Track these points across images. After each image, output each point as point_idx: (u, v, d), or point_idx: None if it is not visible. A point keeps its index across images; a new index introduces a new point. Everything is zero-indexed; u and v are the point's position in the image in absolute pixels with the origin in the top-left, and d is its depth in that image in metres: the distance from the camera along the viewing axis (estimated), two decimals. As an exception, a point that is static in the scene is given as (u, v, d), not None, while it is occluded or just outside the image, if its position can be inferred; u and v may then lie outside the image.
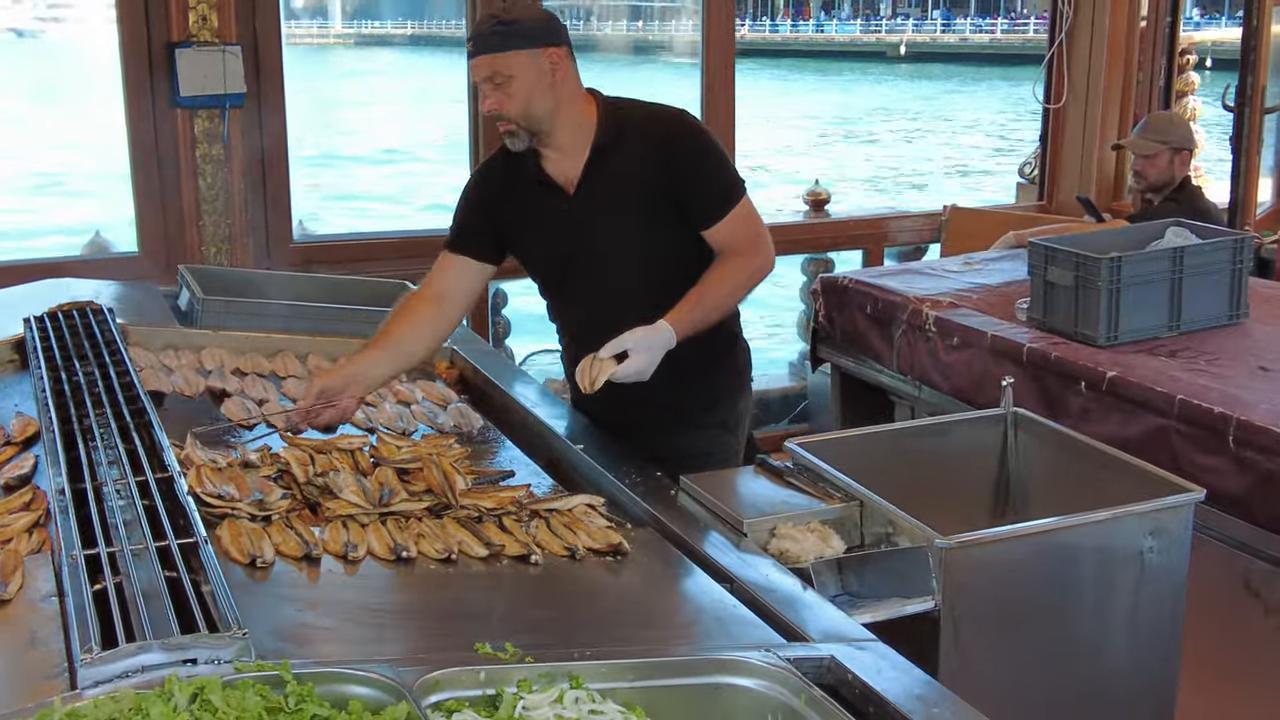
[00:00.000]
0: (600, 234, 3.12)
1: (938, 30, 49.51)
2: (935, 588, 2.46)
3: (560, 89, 3.01)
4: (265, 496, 2.40)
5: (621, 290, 3.13)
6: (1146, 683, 2.70)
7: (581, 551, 2.40)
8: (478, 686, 1.89)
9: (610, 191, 3.09)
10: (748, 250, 3.11)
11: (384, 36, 55.40)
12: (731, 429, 3.31)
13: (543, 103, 2.99)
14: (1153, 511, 2.61)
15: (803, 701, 1.96)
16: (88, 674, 1.75)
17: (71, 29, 32.91)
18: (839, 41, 50.30)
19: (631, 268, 3.14)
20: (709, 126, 5.46)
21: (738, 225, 3.10)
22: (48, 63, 28.74)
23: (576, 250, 3.16)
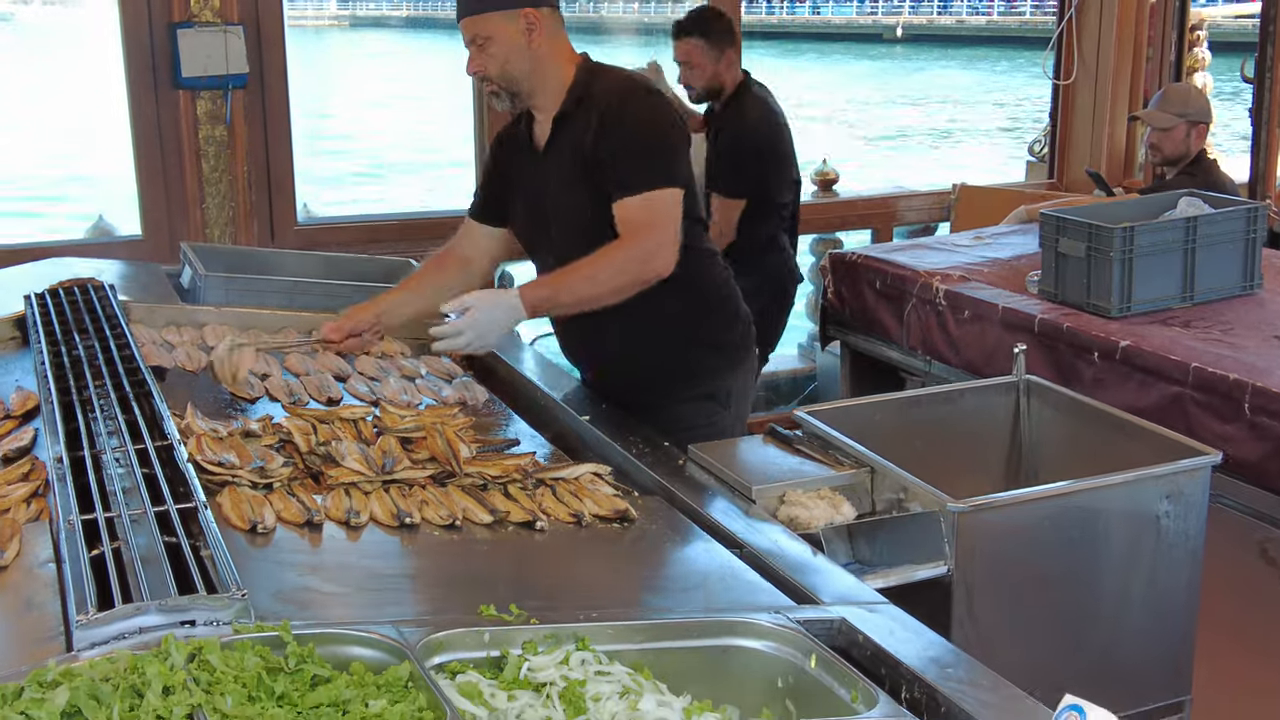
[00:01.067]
0: (554, 198, 3.12)
1: (934, 12, 49.38)
2: (948, 553, 2.43)
3: (538, 50, 3.03)
4: (266, 464, 2.37)
5: (570, 255, 3.06)
6: (1163, 649, 2.66)
7: (588, 518, 2.36)
8: (482, 648, 1.86)
9: (568, 157, 3.08)
10: (631, 240, 2.99)
11: (380, 18, 55.26)
12: (722, 402, 3.25)
13: (519, 64, 3.03)
14: (1169, 475, 2.57)
15: (813, 662, 1.92)
16: (84, 635, 1.72)
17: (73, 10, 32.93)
18: (836, 24, 50.13)
19: (579, 236, 3.07)
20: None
21: (635, 211, 2.99)
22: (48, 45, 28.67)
23: (538, 214, 3.18)
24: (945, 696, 1.83)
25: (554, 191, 3.13)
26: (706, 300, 3.22)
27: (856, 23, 50.30)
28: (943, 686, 1.86)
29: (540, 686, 1.80)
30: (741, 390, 3.35)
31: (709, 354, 3.24)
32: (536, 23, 3.01)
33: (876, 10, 51.21)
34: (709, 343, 3.23)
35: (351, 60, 37.70)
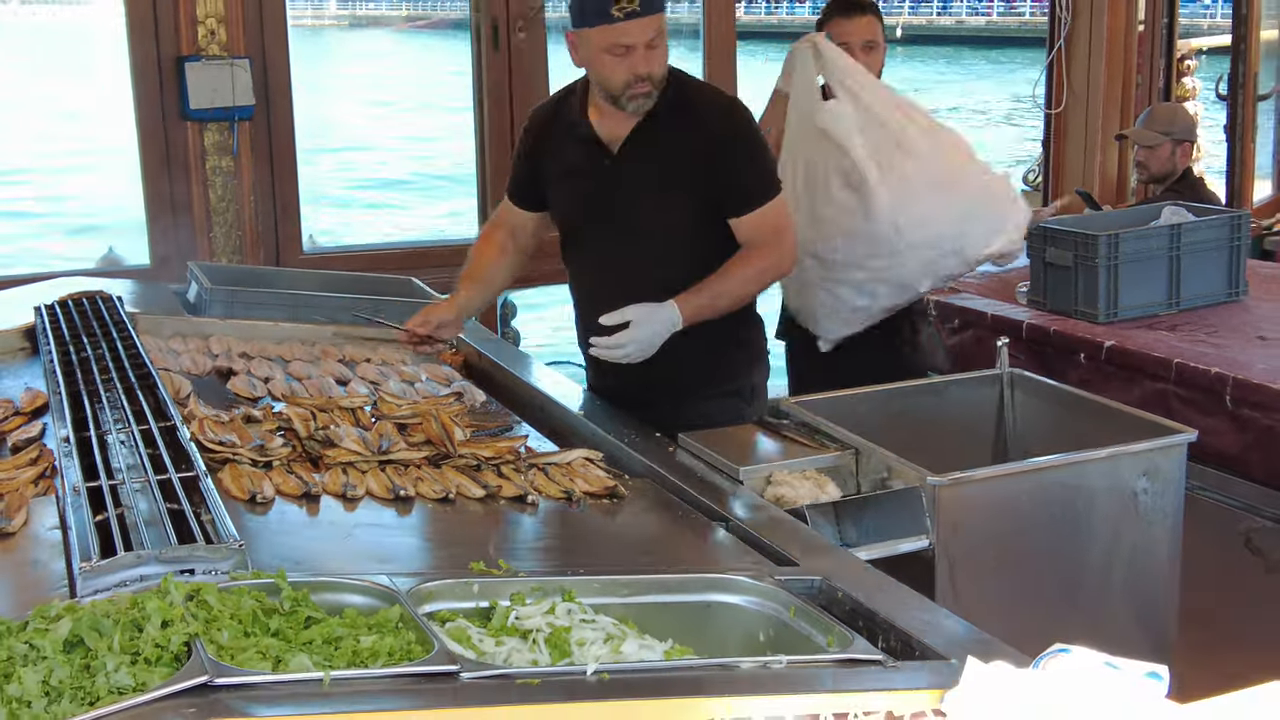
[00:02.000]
0: (633, 198, 3.20)
1: (934, 13, 49.68)
2: (929, 526, 2.49)
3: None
4: (266, 444, 2.44)
5: (637, 256, 3.22)
6: (1143, 625, 2.71)
7: (578, 494, 2.43)
8: (471, 599, 1.93)
9: (653, 159, 3.17)
10: (767, 247, 3.19)
11: (379, 18, 55.44)
12: (746, 398, 3.33)
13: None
14: (1145, 452, 2.64)
15: (792, 613, 1.98)
16: (87, 583, 1.79)
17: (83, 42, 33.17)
18: None
19: (651, 236, 3.21)
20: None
21: (764, 221, 3.18)
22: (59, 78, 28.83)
23: (607, 208, 3.24)
24: (920, 641, 1.89)
25: (635, 190, 3.20)
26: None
27: None
28: (918, 633, 1.92)
29: (527, 633, 1.86)
30: (761, 386, 3.45)
31: (735, 351, 3.34)
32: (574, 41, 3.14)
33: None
34: (734, 340, 3.33)
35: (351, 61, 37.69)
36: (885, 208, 3.72)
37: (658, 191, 3.20)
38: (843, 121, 3.74)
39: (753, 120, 3.28)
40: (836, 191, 3.77)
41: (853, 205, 3.75)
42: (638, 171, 3.19)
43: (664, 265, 3.20)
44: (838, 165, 3.76)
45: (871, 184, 3.70)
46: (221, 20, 5.00)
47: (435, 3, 52.88)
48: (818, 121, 3.78)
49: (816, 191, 3.81)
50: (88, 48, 27.16)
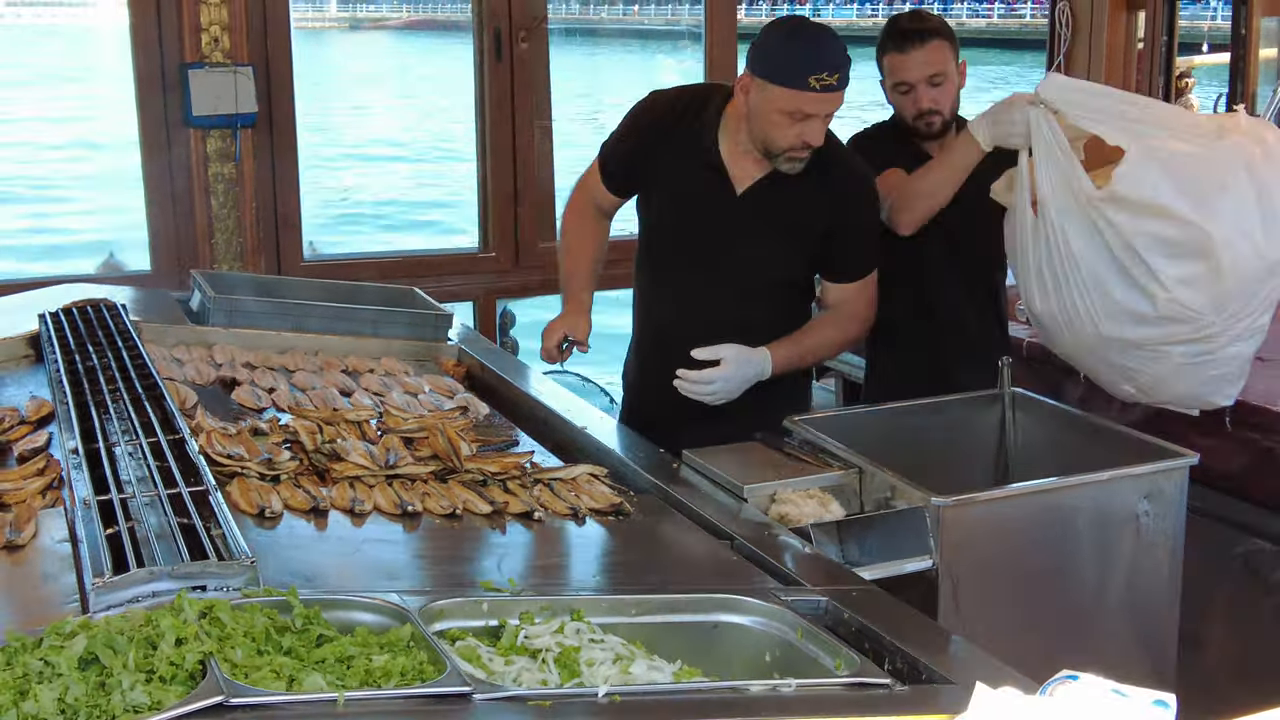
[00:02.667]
0: (751, 241, 3.24)
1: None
2: (933, 547, 2.50)
3: None
4: (274, 458, 2.45)
5: (731, 297, 3.26)
6: (1144, 646, 2.73)
7: (584, 511, 2.44)
8: (481, 617, 1.94)
9: (780, 208, 3.22)
10: (859, 320, 3.33)
11: (380, 20, 55.49)
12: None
13: None
14: (1147, 474, 2.66)
15: (799, 635, 2.00)
16: (100, 599, 1.80)
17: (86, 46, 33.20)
18: (836, 26, 50.54)
19: (753, 281, 3.27)
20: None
21: (861, 293, 3.30)
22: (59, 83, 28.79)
23: (717, 244, 3.27)
24: (927, 665, 1.91)
25: (751, 236, 3.24)
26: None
27: (857, 25, 50.61)
28: (925, 657, 1.93)
29: (536, 653, 1.87)
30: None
31: (784, 403, 3.26)
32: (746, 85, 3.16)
33: (876, 13, 51.57)
34: (787, 393, 3.32)
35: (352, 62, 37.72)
36: (1241, 255, 2.91)
37: (779, 240, 3.25)
38: (1143, 182, 2.87)
39: (880, 195, 3.32)
40: (1165, 268, 2.91)
41: (1195, 273, 2.91)
42: (763, 216, 3.23)
43: (753, 310, 3.27)
44: (1155, 236, 2.89)
45: (1217, 239, 2.87)
46: (225, 28, 5.00)
47: (436, 5, 52.96)
48: (1108, 195, 2.89)
49: (1112, 286, 2.96)
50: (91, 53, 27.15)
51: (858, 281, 3.28)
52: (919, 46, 3.43)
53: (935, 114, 3.46)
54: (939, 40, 3.44)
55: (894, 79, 3.49)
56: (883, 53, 3.53)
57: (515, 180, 5.61)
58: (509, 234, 5.65)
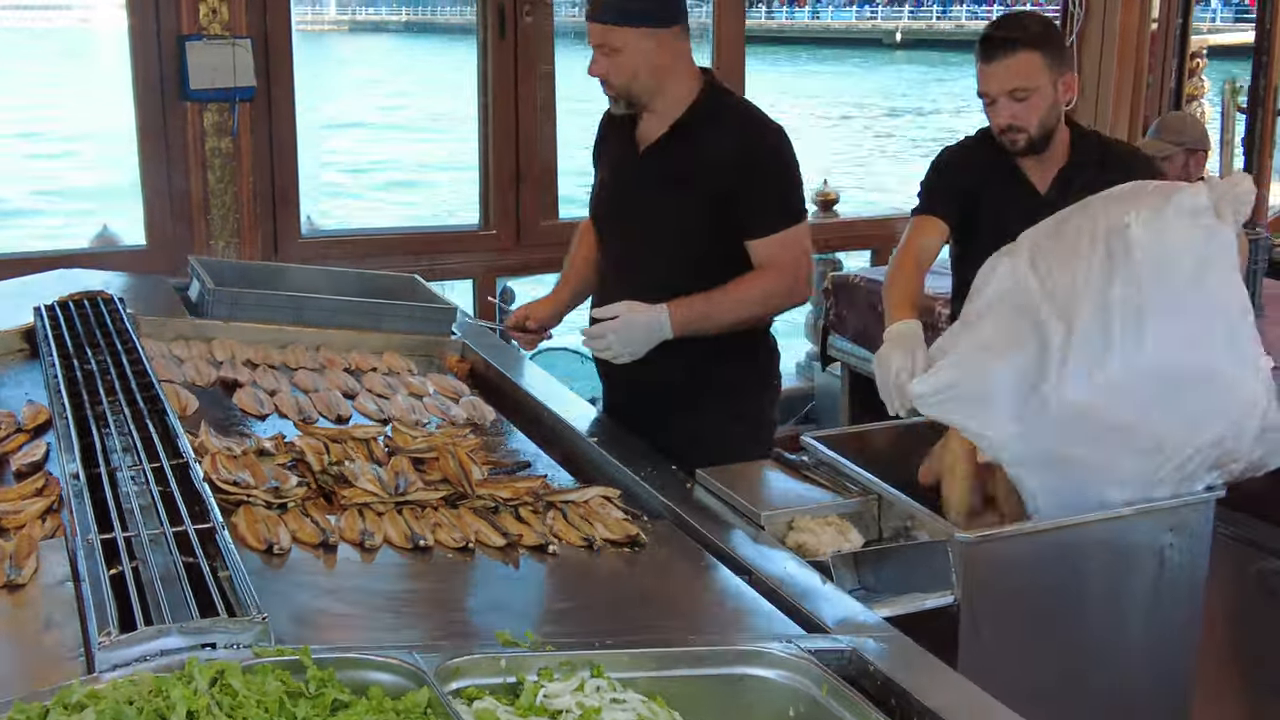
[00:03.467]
0: (650, 199, 3.29)
1: (934, 18, 49.51)
2: (955, 583, 2.45)
3: (663, 64, 3.19)
4: (281, 484, 2.38)
5: (651, 260, 3.29)
6: (1164, 681, 2.69)
7: (599, 542, 2.38)
8: (498, 674, 1.88)
9: (680, 165, 3.23)
10: (776, 271, 3.19)
11: (380, 23, 55.34)
12: (749, 422, 3.29)
13: (645, 77, 3.20)
14: (1173, 508, 2.60)
15: (824, 691, 1.94)
16: (106, 657, 1.73)
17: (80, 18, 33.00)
18: (835, 29, 50.26)
19: (666, 238, 3.27)
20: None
21: (778, 248, 3.18)
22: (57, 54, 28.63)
23: (624, 205, 3.38)
24: (955, 727, 1.85)
25: (651, 192, 3.28)
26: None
27: (856, 27, 50.41)
28: (952, 717, 1.88)
29: (556, 714, 1.81)
30: (767, 409, 3.45)
31: (743, 372, 3.37)
32: (666, 41, 3.18)
33: (876, 15, 51.33)
34: (747, 362, 3.37)
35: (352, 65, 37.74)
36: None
37: (675, 197, 3.23)
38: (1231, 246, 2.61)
39: (786, 147, 3.24)
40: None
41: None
42: (660, 172, 3.26)
43: (677, 274, 3.22)
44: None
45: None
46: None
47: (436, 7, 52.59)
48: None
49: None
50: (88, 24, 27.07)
51: (771, 236, 3.17)
52: (1003, 58, 3.21)
53: (1019, 131, 3.26)
54: (1028, 52, 3.19)
55: (980, 90, 3.31)
56: (976, 61, 3.33)
57: (517, 158, 5.53)
58: (510, 212, 5.57)
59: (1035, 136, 3.29)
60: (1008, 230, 3.02)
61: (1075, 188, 3.21)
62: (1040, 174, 3.38)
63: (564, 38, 5.70)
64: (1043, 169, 3.37)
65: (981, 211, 3.34)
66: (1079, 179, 3.27)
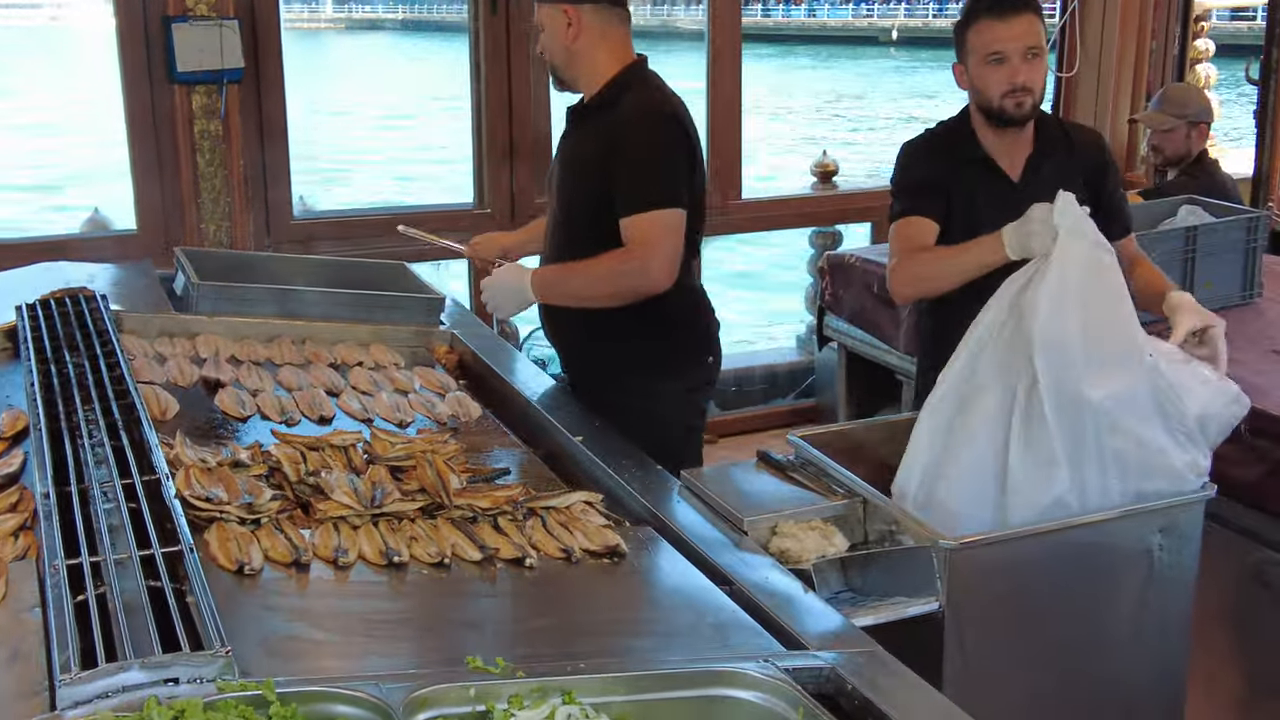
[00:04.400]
0: (559, 180, 3.51)
1: (930, 15, 49.26)
2: (940, 588, 2.42)
3: (575, 45, 3.36)
4: (255, 499, 2.35)
5: (557, 235, 3.52)
6: (1156, 683, 2.66)
7: (578, 553, 2.35)
8: (467, 703, 1.85)
9: (580, 149, 3.44)
10: (628, 253, 3.26)
11: (375, 21, 55.27)
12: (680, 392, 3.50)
13: (558, 55, 3.41)
14: (1163, 509, 2.56)
15: (800, 715, 1.91)
16: (67, 694, 1.71)
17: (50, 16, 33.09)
18: (831, 26, 50.05)
19: (566, 217, 3.48)
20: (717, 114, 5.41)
21: (635, 229, 3.25)
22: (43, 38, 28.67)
23: (548, 182, 3.64)
24: (933, 754, 1.83)
25: (562, 171, 3.50)
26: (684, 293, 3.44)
27: (852, 25, 50.14)
28: (931, 743, 1.85)
29: (526, 743, 1.79)
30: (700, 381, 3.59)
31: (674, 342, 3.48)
32: (576, 20, 3.33)
33: (872, 13, 51.03)
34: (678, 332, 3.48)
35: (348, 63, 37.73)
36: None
37: (573, 175, 3.46)
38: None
39: (654, 130, 3.29)
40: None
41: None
42: (571, 154, 3.48)
43: (579, 249, 3.37)
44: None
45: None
46: (210, -21, 4.83)
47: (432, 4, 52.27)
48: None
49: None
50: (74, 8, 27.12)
51: (631, 217, 3.23)
52: (1021, 13, 3.13)
53: (1027, 92, 3.15)
54: (1033, 15, 3.17)
55: (988, 49, 3.16)
56: (971, 21, 3.21)
57: (511, 134, 5.47)
58: (505, 189, 5.52)
59: (1039, 100, 3.23)
60: (980, 221, 3.00)
61: (1045, 174, 3.21)
62: (1010, 161, 3.29)
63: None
64: (1011, 156, 3.29)
65: (953, 203, 3.26)
66: (1047, 165, 3.26)
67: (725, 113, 5.75)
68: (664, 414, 3.41)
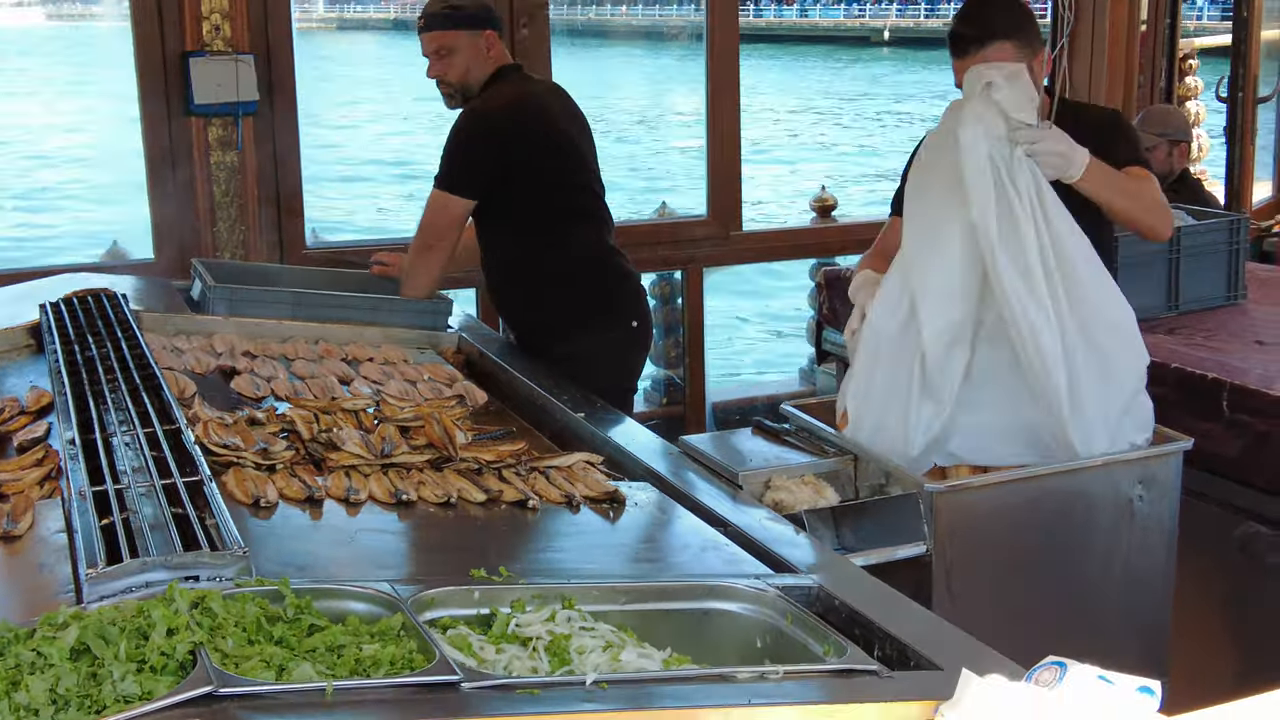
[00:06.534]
0: None
1: (921, 15, 49.49)
2: (926, 533, 2.51)
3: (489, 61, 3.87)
4: (270, 446, 2.46)
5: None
6: (1139, 631, 2.74)
7: (579, 499, 2.45)
8: (472, 605, 1.95)
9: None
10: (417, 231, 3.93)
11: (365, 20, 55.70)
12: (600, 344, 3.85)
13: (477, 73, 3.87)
14: (1141, 459, 2.66)
15: (789, 621, 2.01)
16: (93, 590, 1.81)
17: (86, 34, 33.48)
18: (823, 26, 50.34)
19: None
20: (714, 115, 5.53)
21: (427, 203, 3.87)
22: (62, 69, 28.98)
23: None
24: (915, 651, 1.91)
25: None
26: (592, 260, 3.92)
27: (844, 25, 50.40)
28: (914, 643, 1.94)
29: (527, 640, 1.88)
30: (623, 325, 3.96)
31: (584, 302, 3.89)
32: (494, 41, 3.87)
33: (864, 13, 51.36)
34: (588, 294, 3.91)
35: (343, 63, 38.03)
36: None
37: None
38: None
39: (470, 126, 3.78)
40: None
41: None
42: None
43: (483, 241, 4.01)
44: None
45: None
46: (226, 15, 5.00)
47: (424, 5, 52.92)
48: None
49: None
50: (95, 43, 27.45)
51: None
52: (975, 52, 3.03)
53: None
54: (998, 42, 3.03)
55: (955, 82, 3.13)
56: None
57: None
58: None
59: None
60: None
61: None
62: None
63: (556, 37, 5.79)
64: None
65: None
66: None
67: (725, 115, 5.87)
68: (595, 373, 3.65)
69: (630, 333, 3.94)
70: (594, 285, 3.92)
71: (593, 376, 3.60)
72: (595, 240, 3.92)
